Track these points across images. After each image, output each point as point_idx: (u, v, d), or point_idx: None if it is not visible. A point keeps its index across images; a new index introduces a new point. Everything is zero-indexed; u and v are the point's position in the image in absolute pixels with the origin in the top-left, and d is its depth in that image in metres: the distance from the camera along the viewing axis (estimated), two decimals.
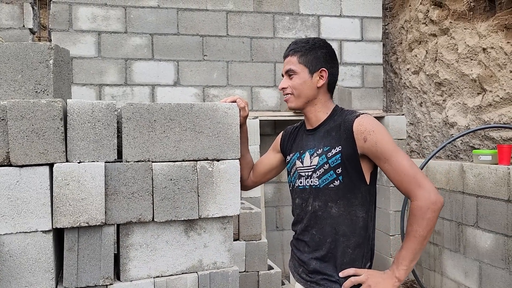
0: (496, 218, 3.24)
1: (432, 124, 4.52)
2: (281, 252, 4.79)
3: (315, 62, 1.65)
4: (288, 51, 1.69)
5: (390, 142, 1.52)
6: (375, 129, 1.52)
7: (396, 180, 1.51)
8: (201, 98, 4.60)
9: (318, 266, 1.61)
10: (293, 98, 1.68)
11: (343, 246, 1.57)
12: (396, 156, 1.50)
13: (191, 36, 4.57)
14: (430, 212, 1.44)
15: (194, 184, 1.70)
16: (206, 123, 1.73)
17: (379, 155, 1.51)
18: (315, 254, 1.62)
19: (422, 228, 1.45)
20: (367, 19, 5.03)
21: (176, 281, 1.69)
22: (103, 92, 4.39)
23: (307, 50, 1.65)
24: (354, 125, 1.55)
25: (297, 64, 1.65)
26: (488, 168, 3.31)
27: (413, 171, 1.48)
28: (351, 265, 1.57)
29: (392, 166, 1.50)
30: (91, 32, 4.36)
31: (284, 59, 1.71)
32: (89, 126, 1.56)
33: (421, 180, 1.47)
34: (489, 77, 3.73)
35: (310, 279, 1.63)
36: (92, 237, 1.57)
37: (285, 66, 1.69)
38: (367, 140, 1.51)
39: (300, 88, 1.64)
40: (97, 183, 1.54)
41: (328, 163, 1.57)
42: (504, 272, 3.17)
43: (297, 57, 1.65)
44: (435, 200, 1.45)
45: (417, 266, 4.27)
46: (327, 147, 1.59)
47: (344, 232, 1.57)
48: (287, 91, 1.68)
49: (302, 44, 1.66)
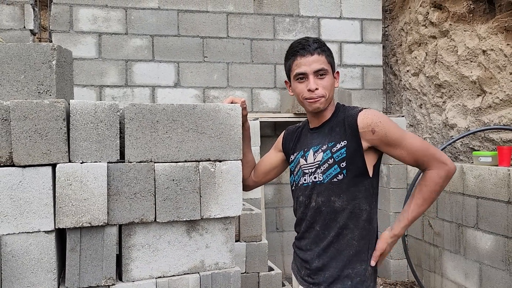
0: (496, 220, 3.24)
1: (432, 126, 4.53)
2: (281, 254, 4.79)
3: (333, 63, 1.67)
4: (313, 49, 1.58)
5: (397, 128, 1.58)
6: (381, 120, 1.56)
7: (412, 159, 1.59)
8: (201, 99, 4.61)
9: (320, 264, 1.60)
10: (323, 100, 1.61)
11: (347, 239, 1.58)
12: (407, 139, 1.57)
13: (192, 38, 4.58)
14: (446, 178, 1.56)
15: (196, 184, 1.71)
16: (208, 124, 1.73)
17: (391, 143, 1.56)
18: (317, 249, 1.62)
19: (436, 192, 1.57)
20: (367, 21, 5.04)
21: (178, 281, 1.69)
22: (103, 93, 4.39)
23: (328, 50, 1.65)
24: (358, 119, 1.57)
25: (327, 64, 1.61)
26: (488, 170, 3.32)
27: (426, 146, 1.57)
28: (357, 257, 1.58)
29: (405, 149, 1.57)
30: (92, 33, 4.36)
31: (304, 57, 1.59)
32: (92, 127, 1.56)
33: (436, 153, 1.57)
34: (489, 79, 3.74)
35: (312, 280, 1.63)
36: (95, 237, 1.58)
37: (312, 65, 1.58)
38: (376, 131, 1.54)
39: (330, 88, 1.63)
40: (99, 183, 1.55)
41: (332, 158, 1.58)
42: (504, 273, 3.18)
43: (325, 57, 1.61)
44: (450, 168, 1.56)
45: (417, 268, 4.27)
46: (331, 143, 1.60)
47: (348, 225, 1.58)
48: (320, 93, 1.59)
49: (322, 43, 1.63)
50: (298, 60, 1.60)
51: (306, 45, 1.60)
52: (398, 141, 1.56)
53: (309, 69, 1.58)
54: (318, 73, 1.59)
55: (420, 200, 1.58)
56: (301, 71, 1.60)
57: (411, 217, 1.59)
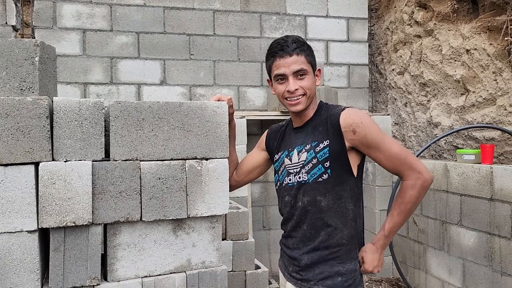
0: (479, 216, 3.30)
1: (417, 124, 4.58)
2: (267, 252, 4.80)
3: (314, 62, 1.66)
4: (291, 50, 1.57)
5: (378, 131, 1.57)
6: (363, 121, 1.56)
7: (389, 165, 1.59)
8: (187, 98, 4.58)
9: (310, 261, 1.61)
10: (304, 99, 1.61)
11: (337, 238, 1.59)
12: (386, 143, 1.57)
13: (178, 35, 4.55)
14: (421, 189, 1.56)
15: (182, 183, 1.69)
16: (195, 121, 1.72)
17: (370, 145, 1.56)
18: (308, 249, 1.62)
19: (414, 204, 1.57)
20: (353, 19, 5.07)
21: (164, 281, 1.68)
22: (88, 91, 4.33)
23: (308, 49, 1.64)
24: (340, 118, 1.57)
25: (306, 64, 1.60)
26: (472, 168, 3.37)
27: (404, 154, 1.57)
28: (347, 256, 1.60)
29: (384, 154, 1.57)
30: (76, 30, 4.30)
31: (282, 58, 1.58)
32: (76, 125, 1.54)
33: (413, 161, 1.57)
34: (472, 78, 3.79)
35: (301, 277, 1.63)
36: (79, 237, 1.55)
37: (291, 66, 1.57)
38: (357, 132, 1.54)
39: (312, 88, 1.62)
40: (84, 182, 1.52)
41: (316, 158, 1.58)
42: (487, 269, 3.23)
43: (304, 56, 1.59)
44: (425, 178, 1.56)
45: (402, 264, 4.32)
46: (315, 142, 1.60)
47: (336, 224, 1.59)
48: (299, 93, 1.59)
49: (301, 42, 1.61)
50: (277, 62, 1.60)
51: (284, 45, 1.58)
52: (377, 143, 1.55)
53: (288, 70, 1.58)
54: (297, 73, 1.59)
55: (396, 211, 1.60)
56: (280, 73, 1.59)
57: (388, 228, 1.63)
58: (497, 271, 3.13)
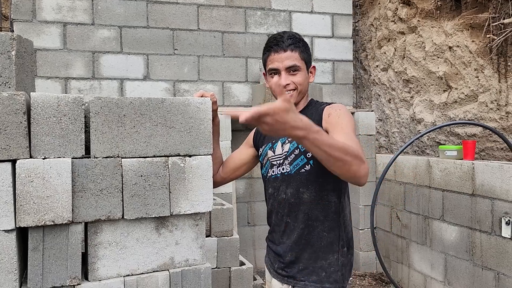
0: (461, 212, 3.34)
1: (400, 120, 4.61)
2: (252, 248, 4.79)
3: (309, 59, 1.67)
4: (286, 46, 1.59)
5: (347, 122, 1.50)
6: (341, 110, 1.57)
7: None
8: (171, 93, 4.53)
9: (294, 257, 1.61)
10: (295, 94, 1.63)
11: (317, 230, 1.58)
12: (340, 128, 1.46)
13: (161, 30, 4.49)
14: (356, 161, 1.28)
15: (165, 180, 1.67)
16: (177, 118, 1.69)
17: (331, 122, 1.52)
18: (289, 242, 1.62)
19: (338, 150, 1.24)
20: (338, 15, 5.07)
21: (147, 279, 1.65)
22: (69, 86, 4.25)
23: (303, 46, 1.65)
24: (325, 108, 1.60)
25: (300, 60, 1.62)
26: (454, 163, 3.41)
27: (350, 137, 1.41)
28: (328, 248, 1.59)
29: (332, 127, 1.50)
30: (56, 23, 4.20)
31: (277, 53, 1.60)
32: (55, 121, 1.50)
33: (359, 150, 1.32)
34: (454, 74, 3.83)
35: (286, 273, 1.63)
36: (58, 236, 1.51)
37: (284, 61, 1.59)
38: (331, 114, 1.55)
39: (303, 84, 1.64)
40: (63, 180, 1.48)
41: (298, 148, 1.58)
42: (468, 263, 3.29)
43: (298, 53, 1.61)
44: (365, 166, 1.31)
45: (386, 259, 4.37)
46: None
47: (317, 216, 1.58)
48: (290, 87, 1.61)
49: (297, 39, 1.63)
50: (272, 56, 1.63)
51: (280, 41, 1.61)
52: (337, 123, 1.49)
53: (282, 65, 1.60)
54: (290, 69, 1.61)
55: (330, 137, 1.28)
56: (274, 67, 1.62)
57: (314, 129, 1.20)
58: (478, 265, 3.18)
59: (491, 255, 3.06)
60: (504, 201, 2.95)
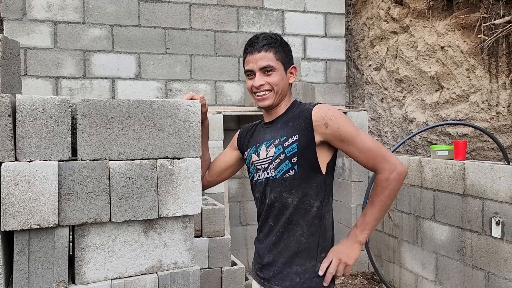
0: (451, 211, 3.36)
1: (393, 120, 4.62)
2: (245, 247, 4.79)
3: (287, 59, 1.66)
4: (259, 46, 1.60)
5: (351, 125, 1.56)
6: (335, 115, 1.55)
7: (363, 158, 1.57)
8: (163, 92, 4.51)
9: (271, 259, 1.61)
10: (271, 95, 1.62)
11: (296, 235, 1.58)
12: (359, 137, 1.55)
13: (153, 28, 4.46)
14: (395, 182, 1.53)
15: (153, 182, 1.66)
16: (166, 120, 1.68)
17: (343, 138, 1.54)
18: (268, 242, 1.63)
19: (386, 196, 1.54)
20: (331, 15, 5.07)
21: (135, 282, 1.64)
22: (60, 85, 4.21)
23: (280, 46, 1.64)
24: (313, 112, 1.56)
25: (274, 61, 1.61)
26: (445, 163, 3.42)
27: (377, 147, 1.56)
28: (306, 254, 1.58)
29: (357, 147, 1.55)
30: (47, 22, 4.16)
31: (251, 54, 1.62)
32: (41, 123, 1.48)
33: (386, 154, 1.55)
34: (446, 74, 3.85)
35: (262, 275, 1.64)
36: (45, 239, 1.50)
37: (258, 62, 1.60)
38: (329, 125, 1.53)
39: (280, 84, 1.62)
40: (49, 182, 1.47)
41: (284, 153, 1.57)
42: (458, 263, 3.30)
43: (273, 53, 1.61)
44: (400, 170, 1.54)
45: (377, 258, 4.38)
46: (284, 137, 1.59)
47: (297, 221, 1.58)
48: (265, 88, 1.61)
49: (272, 39, 1.62)
50: (247, 57, 1.64)
51: (254, 42, 1.62)
52: (350, 137, 1.54)
53: (256, 66, 1.61)
54: (264, 69, 1.61)
55: (370, 204, 1.57)
56: (249, 68, 1.64)
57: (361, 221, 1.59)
58: (469, 265, 3.20)
59: (482, 255, 3.08)
60: (494, 201, 2.97)
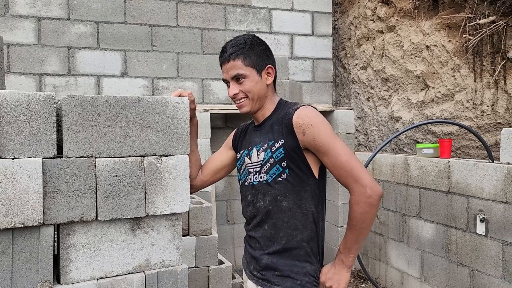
0: (437, 209, 3.40)
1: (379, 119, 4.66)
2: (232, 246, 4.78)
3: (259, 61, 1.62)
4: (227, 56, 1.60)
5: (328, 135, 1.50)
6: (313, 122, 1.51)
7: (335, 174, 1.52)
8: (150, 90, 4.46)
9: (270, 262, 1.59)
10: (247, 102, 1.62)
11: (297, 240, 1.57)
12: (334, 150, 1.49)
13: (140, 26, 4.41)
14: (366, 206, 1.46)
15: (141, 180, 1.63)
16: (154, 117, 1.66)
17: (318, 148, 1.51)
18: (268, 249, 1.60)
19: (360, 221, 1.48)
20: (318, 14, 5.08)
21: (122, 281, 1.62)
22: (44, 82, 4.14)
23: (248, 50, 1.61)
24: (293, 118, 1.54)
25: (244, 68, 1.59)
26: (430, 161, 3.46)
27: (350, 165, 1.47)
28: (307, 258, 1.58)
29: (330, 160, 1.50)
30: (30, 18, 4.09)
31: (223, 65, 1.63)
32: (25, 120, 1.45)
33: (357, 175, 1.47)
34: (432, 73, 3.89)
35: (261, 276, 1.62)
36: (29, 238, 1.47)
37: (229, 72, 1.61)
38: (306, 133, 1.51)
39: (253, 90, 1.61)
40: (34, 180, 1.44)
41: (272, 157, 1.56)
42: (444, 260, 3.34)
43: (241, 60, 1.59)
44: (370, 194, 1.45)
45: (363, 256, 4.41)
46: (271, 141, 1.59)
47: (296, 225, 1.57)
48: (240, 96, 1.62)
49: (240, 45, 1.60)
50: (222, 68, 1.67)
51: (223, 51, 1.64)
52: (324, 148, 1.49)
53: (228, 76, 1.63)
54: (235, 78, 1.61)
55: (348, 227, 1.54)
56: (224, 78, 1.67)
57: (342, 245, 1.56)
58: (454, 261, 3.24)
59: (466, 251, 3.12)
60: (479, 199, 3.01)
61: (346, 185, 1.51)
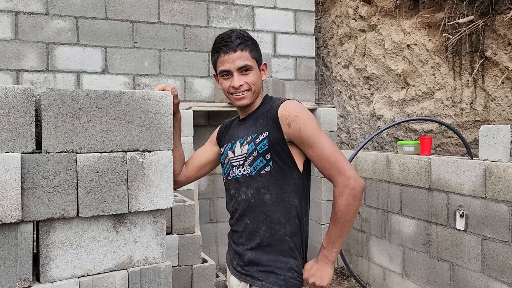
0: (418, 205, 3.45)
1: (361, 117, 4.70)
2: (215, 245, 4.75)
3: (259, 57, 1.65)
4: (234, 46, 1.56)
5: (313, 127, 1.51)
6: (299, 115, 1.52)
7: (319, 166, 1.52)
8: (131, 87, 4.40)
9: (253, 257, 1.58)
10: (249, 94, 1.61)
11: (280, 234, 1.56)
12: (319, 142, 1.50)
13: (121, 22, 4.34)
14: (349, 197, 1.47)
15: (123, 176, 1.60)
16: (137, 112, 1.63)
17: (303, 140, 1.52)
18: (250, 244, 1.59)
19: (343, 213, 1.48)
20: (300, 12, 5.10)
21: (104, 279, 1.59)
22: (21, 78, 4.04)
23: (254, 44, 1.62)
24: (279, 110, 1.55)
25: (251, 59, 1.60)
26: (411, 159, 3.51)
27: (334, 158, 1.49)
28: (290, 253, 1.57)
29: (315, 152, 1.51)
30: (7, 12, 3.98)
31: (226, 54, 1.57)
32: (2, 113, 1.40)
33: (341, 167, 1.48)
34: (412, 72, 3.94)
35: (244, 271, 1.60)
36: (7, 236, 1.43)
37: (235, 62, 1.56)
38: (291, 126, 1.51)
39: (257, 83, 1.62)
40: (11, 176, 1.40)
41: (256, 150, 1.56)
42: (424, 255, 3.39)
43: (248, 52, 1.59)
44: (353, 185, 1.46)
45: (346, 253, 4.44)
46: (255, 134, 1.58)
47: (278, 219, 1.56)
48: (244, 88, 1.59)
49: (245, 37, 1.60)
50: (222, 57, 1.59)
51: (228, 41, 1.58)
52: (309, 141, 1.50)
53: (233, 66, 1.58)
54: (242, 69, 1.58)
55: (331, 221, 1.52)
56: (225, 69, 1.59)
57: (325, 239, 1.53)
58: (434, 257, 3.29)
59: (446, 247, 3.17)
60: (458, 195, 3.06)
61: (330, 177, 1.51)
